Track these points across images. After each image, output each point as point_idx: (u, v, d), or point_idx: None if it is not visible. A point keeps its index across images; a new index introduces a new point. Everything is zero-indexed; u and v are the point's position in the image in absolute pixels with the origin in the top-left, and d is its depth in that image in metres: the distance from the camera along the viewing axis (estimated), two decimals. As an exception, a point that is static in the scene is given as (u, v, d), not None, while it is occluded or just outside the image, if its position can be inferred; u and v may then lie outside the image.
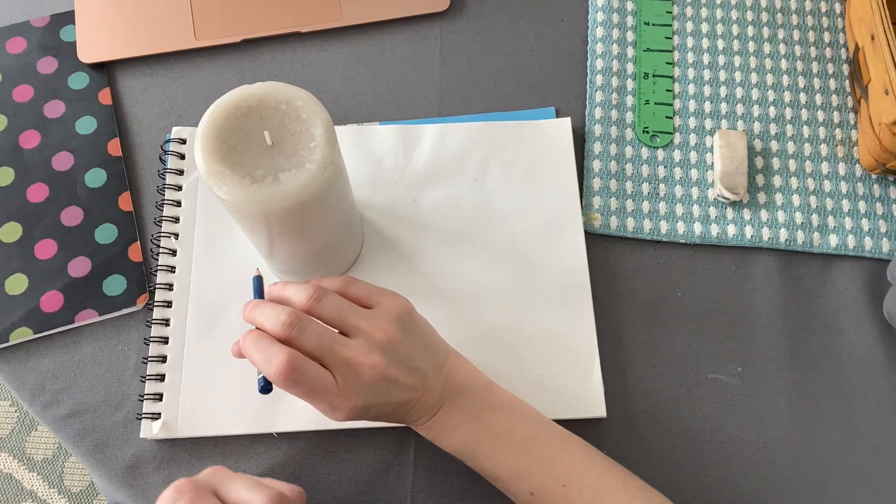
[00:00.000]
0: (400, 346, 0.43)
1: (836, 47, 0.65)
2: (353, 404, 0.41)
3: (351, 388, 0.41)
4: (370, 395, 0.41)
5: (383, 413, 0.44)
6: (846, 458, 0.52)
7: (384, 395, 0.42)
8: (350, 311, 0.43)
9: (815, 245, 0.58)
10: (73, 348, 0.53)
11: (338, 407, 0.41)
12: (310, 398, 0.41)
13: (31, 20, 0.63)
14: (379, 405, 0.42)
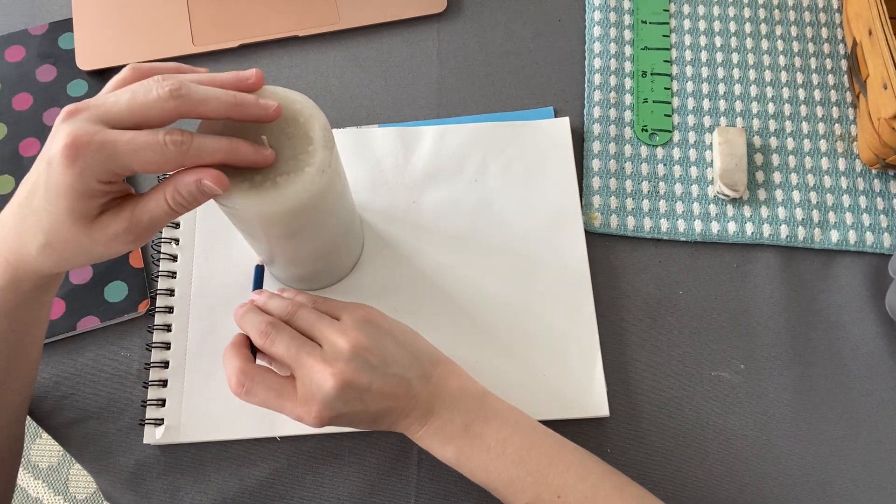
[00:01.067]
0: (369, 351, 0.42)
1: (833, 43, 0.65)
2: (317, 411, 0.41)
3: (314, 394, 0.41)
4: (337, 403, 0.41)
5: (362, 420, 0.43)
6: (849, 454, 0.52)
7: (355, 403, 0.42)
8: (319, 321, 0.44)
9: (817, 241, 0.58)
10: (75, 355, 0.54)
11: (301, 416, 0.42)
12: (270, 407, 0.42)
13: (30, 28, 0.63)
14: (353, 413, 0.42)
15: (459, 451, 0.44)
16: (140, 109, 0.34)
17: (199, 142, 0.35)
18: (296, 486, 0.51)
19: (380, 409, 0.43)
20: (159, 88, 0.35)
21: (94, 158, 0.33)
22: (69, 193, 0.34)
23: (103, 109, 0.34)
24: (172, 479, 0.50)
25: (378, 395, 0.43)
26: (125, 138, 0.34)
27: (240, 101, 0.37)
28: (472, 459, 0.44)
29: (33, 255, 0.37)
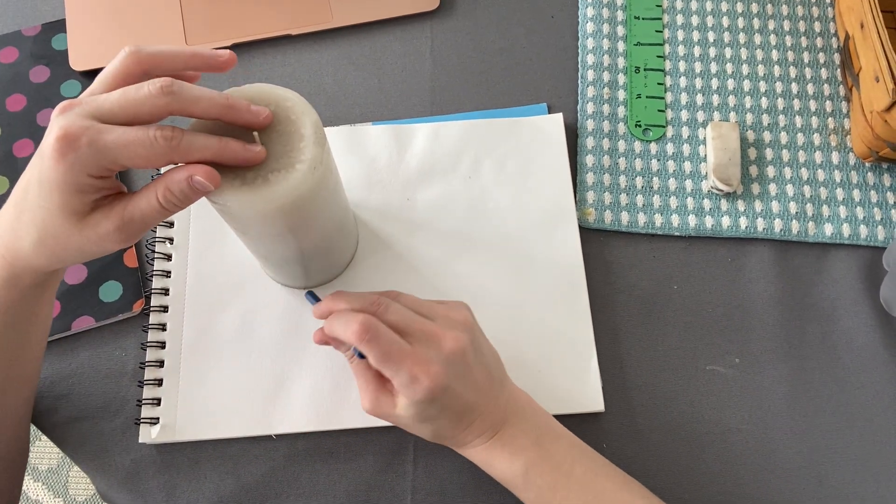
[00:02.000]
0: (475, 334, 0.43)
1: (826, 37, 0.65)
2: (435, 372, 0.40)
3: (431, 356, 0.41)
4: (451, 369, 0.41)
5: (454, 407, 0.42)
6: (845, 446, 0.52)
7: (460, 380, 0.42)
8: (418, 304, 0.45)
9: (811, 234, 0.58)
10: (71, 355, 0.54)
11: (417, 376, 0.40)
12: (388, 362, 0.40)
13: (23, 29, 0.63)
14: (454, 392, 0.41)
15: (530, 464, 0.43)
16: (131, 105, 0.35)
17: (188, 138, 0.35)
18: (292, 484, 0.51)
19: (470, 401, 0.43)
20: (151, 86, 0.35)
21: (85, 152, 0.33)
22: (61, 188, 0.34)
23: (95, 105, 0.35)
24: (168, 478, 0.50)
25: (474, 383, 0.43)
26: (115, 133, 0.34)
27: (231, 104, 0.37)
28: (542, 476, 0.43)
29: (28, 252, 0.37)
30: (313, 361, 0.52)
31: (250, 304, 0.54)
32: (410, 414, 0.42)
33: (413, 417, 0.43)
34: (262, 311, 0.54)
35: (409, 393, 0.41)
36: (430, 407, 0.42)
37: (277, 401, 0.51)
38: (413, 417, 0.43)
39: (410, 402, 0.41)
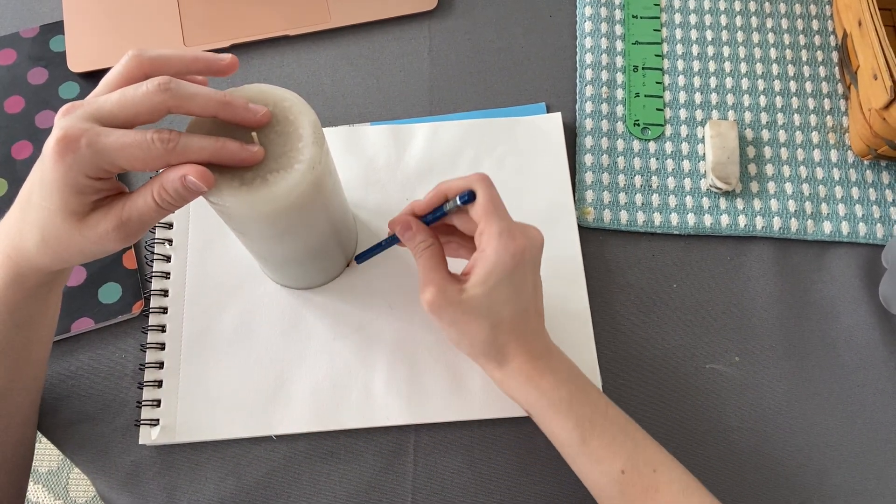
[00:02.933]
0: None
1: (824, 35, 0.65)
2: (522, 244, 0.42)
3: (515, 234, 0.42)
4: (533, 251, 0.43)
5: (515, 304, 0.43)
6: (845, 444, 0.52)
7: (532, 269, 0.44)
8: None
9: (810, 232, 0.58)
10: (70, 357, 0.54)
11: (514, 232, 0.42)
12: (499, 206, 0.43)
13: (21, 31, 0.63)
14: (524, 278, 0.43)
15: (572, 395, 0.44)
16: (130, 104, 0.35)
17: (185, 140, 0.36)
18: (293, 484, 0.51)
19: (529, 302, 0.44)
20: (149, 84, 0.35)
21: (83, 154, 0.34)
22: (61, 189, 0.35)
23: (96, 106, 0.35)
24: (169, 480, 0.50)
25: (536, 287, 0.45)
26: (114, 135, 0.34)
27: (228, 101, 0.37)
28: (583, 407, 0.44)
29: (32, 252, 0.38)
30: (313, 362, 0.52)
31: (249, 305, 0.54)
32: (478, 295, 0.42)
33: (479, 301, 0.42)
34: (262, 311, 0.54)
35: (499, 245, 0.42)
36: (502, 284, 0.42)
37: (277, 401, 0.51)
38: (479, 301, 0.42)
39: (489, 275, 0.42)
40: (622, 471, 0.42)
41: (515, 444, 0.52)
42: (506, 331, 0.44)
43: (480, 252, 0.43)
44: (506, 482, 0.51)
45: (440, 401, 0.52)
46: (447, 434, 0.52)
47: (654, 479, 0.42)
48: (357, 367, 0.52)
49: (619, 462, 0.43)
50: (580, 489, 0.51)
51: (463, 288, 0.43)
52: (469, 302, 0.42)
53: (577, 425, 0.43)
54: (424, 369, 0.52)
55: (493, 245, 0.42)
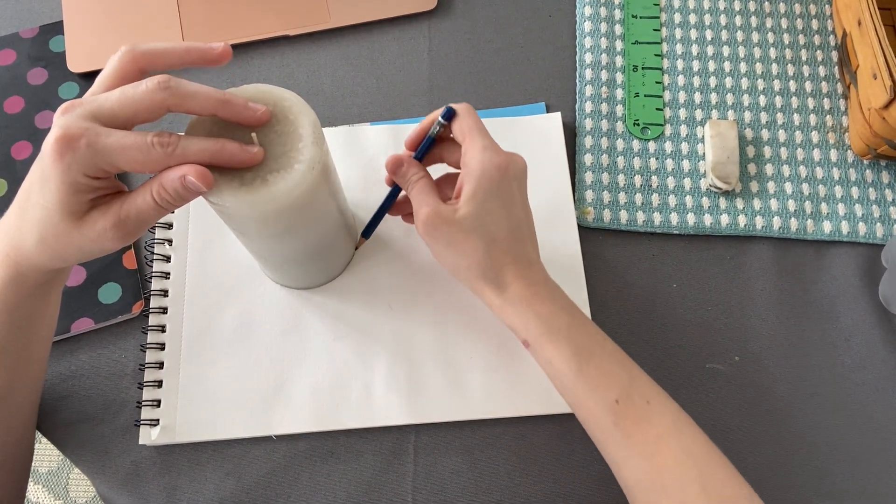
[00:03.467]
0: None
1: (823, 34, 0.65)
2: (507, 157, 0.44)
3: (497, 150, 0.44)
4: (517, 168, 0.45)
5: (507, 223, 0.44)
6: (845, 443, 0.52)
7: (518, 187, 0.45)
8: None
9: (809, 232, 0.58)
10: (70, 357, 0.54)
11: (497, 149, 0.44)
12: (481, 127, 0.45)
13: (20, 31, 0.63)
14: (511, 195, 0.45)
15: (571, 324, 0.44)
16: (130, 103, 0.35)
17: (184, 143, 0.36)
18: (293, 484, 0.51)
19: (522, 223, 0.46)
20: (148, 82, 0.35)
21: (83, 153, 0.34)
22: (59, 187, 0.35)
23: (96, 105, 0.35)
24: (169, 480, 0.50)
25: (526, 207, 0.46)
26: (114, 136, 0.34)
27: (228, 99, 0.37)
28: (581, 337, 0.44)
29: (31, 250, 0.37)
30: (313, 362, 0.52)
31: (249, 305, 0.54)
32: (471, 211, 0.43)
33: (472, 217, 0.43)
34: (262, 311, 0.54)
35: (483, 158, 0.43)
36: (491, 199, 0.43)
37: (277, 401, 0.51)
38: (472, 217, 0.43)
39: (477, 189, 0.43)
40: (616, 400, 0.42)
41: (515, 444, 0.52)
42: (502, 250, 0.44)
43: (465, 168, 0.44)
44: (506, 482, 0.51)
45: (440, 401, 0.52)
46: (447, 434, 0.52)
47: (647, 411, 0.42)
48: (357, 367, 0.52)
49: (613, 392, 0.43)
50: (580, 489, 0.51)
51: (456, 208, 0.44)
52: (463, 219, 0.43)
53: (574, 354, 0.43)
54: (424, 369, 0.52)
55: (478, 158, 0.43)
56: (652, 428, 0.42)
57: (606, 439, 0.43)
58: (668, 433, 0.42)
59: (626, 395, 0.42)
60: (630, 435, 0.42)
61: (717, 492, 0.40)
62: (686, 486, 0.40)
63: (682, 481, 0.40)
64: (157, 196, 0.36)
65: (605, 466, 0.51)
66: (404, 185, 0.47)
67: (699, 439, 0.42)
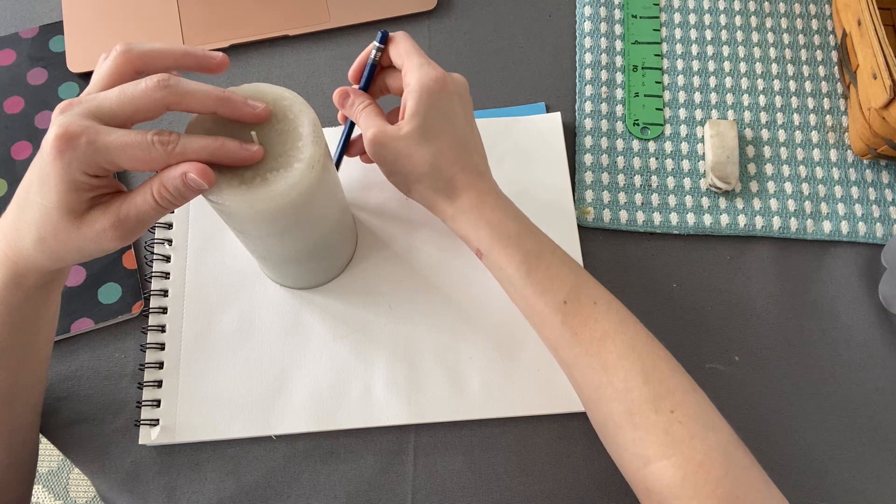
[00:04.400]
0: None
1: (823, 34, 0.65)
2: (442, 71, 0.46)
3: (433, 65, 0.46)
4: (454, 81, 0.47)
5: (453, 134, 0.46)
6: (845, 444, 0.52)
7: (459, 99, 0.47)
8: None
9: (809, 232, 0.58)
10: (70, 357, 0.53)
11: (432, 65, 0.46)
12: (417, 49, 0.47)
13: (20, 31, 0.63)
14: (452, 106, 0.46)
15: (521, 231, 0.46)
16: (130, 101, 0.35)
17: (184, 141, 0.36)
18: (292, 484, 0.51)
19: (466, 132, 0.47)
20: (148, 80, 0.35)
21: (83, 151, 0.34)
22: (58, 185, 0.35)
23: (96, 103, 0.35)
24: (169, 480, 0.50)
25: (468, 117, 0.48)
26: (114, 134, 0.34)
27: (227, 97, 0.37)
28: (530, 241, 0.45)
29: (29, 250, 0.37)
30: (313, 362, 0.52)
31: (249, 305, 0.54)
32: (415, 125, 0.45)
33: (417, 130, 0.45)
34: (261, 311, 0.54)
35: (421, 73, 0.45)
36: (432, 111, 0.45)
37: (277, 401, 0.51)
38: (417, 130, 0.45)
39: (418, 102, 0.45)
40: (564, 301, 0.44)
41: (515, 444, 0.52)
42: (449, 161, 0.46)
43: (406, 87, 0.46)
44: (506, 482, 0.51)
45: (440, 401, 0.51)
46: (447, 434, 0.52)
47: (594, 311, 0.44)
48: (357, 368, 0.52)
49: (562, 293, 0.44)
50: (580, 489, 0.51)
51: (400, 125, 0.46)
52: (409, 135, 0.45)
53: (524, 259, 0.45)
54: (424, 369, 0.52)
55: (416, 75, 0.45)
56: (598, 326, 0.43)
57: (557, 340, 0.45)
58: (613, 330, 0.43)
59: (573, 297, 0.44)
60: (577, 333, 0.43)
61: (658, 383, 0.41)
62: (630, 379, 0.41)
63: (626, 374, 0.42)
64: (157, 195, 0.36)
65: (605, 466, 0.51)
66: (352, 115, 0.49)
67: (642, 335, 0.44)
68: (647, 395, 0.41)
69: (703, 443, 0.40)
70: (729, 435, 0.41)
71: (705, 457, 0.39)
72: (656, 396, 0.41)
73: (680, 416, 0.40)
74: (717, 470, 0.39)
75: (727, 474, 0.39)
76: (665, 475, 0.40)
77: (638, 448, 0.41)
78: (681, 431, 0.40)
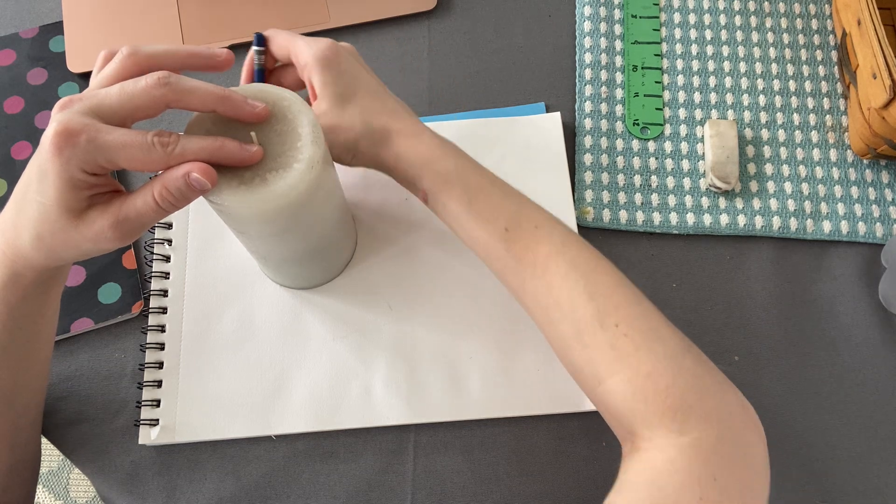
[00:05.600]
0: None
1: (823, 34, 0.65)
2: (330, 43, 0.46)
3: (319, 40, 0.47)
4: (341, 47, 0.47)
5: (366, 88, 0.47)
6: (845, 444, 0.52)
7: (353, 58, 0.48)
8: None
9: (809, 232, 0.58)
10: (70, 357, 0.54)
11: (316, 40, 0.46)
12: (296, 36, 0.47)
13: (20, 32, 0.63)
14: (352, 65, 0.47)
15: (458, 166, 0.46)
16: (130, 99, 0.35)
17: (184, 142, 0.36)
18: (292, 484, 0.51)
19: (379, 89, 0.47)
20: (148, 78, 0.35)
21: (83, 148, 0.34)
22: (57, 182, 0.34)
23: (95, 101, 0.35)
24: (168, 480, 0.50)
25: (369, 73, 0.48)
26: (115, 133, 0.34)
27: (227, 95, 0.37)
28: (471, 174, 0.45)
29: (27, 248, 0.37)
30: (313, 362, 0.52)
31: (249, 305, 0.54)
32: (331, 97, 0.45)
33: (335, 102, 0.45)
34: (261, 311, 0.54)
35: (308, 49, 0.46)
36: (340, 78, 0.46)
37: (277, 401, 0.51)
38: (335, 102, 0.45)
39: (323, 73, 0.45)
40: (506, 228, 0.44)
41: (515, 444, 0.52)
42: (376, 111, 0.46)
43: (304, 68, 0.46)
44: (506, 482, 0.51)
45: (440, 401, 0.52)
46: (447, 434, 0.52)
47: (536, 234, 0.44)
48: (357, 367, 0.52)
49: (503, 221, 0.44)
50: (580, 489, 0.51)
51: (317, 104, 0.46)
52: (328, 108, 0.45)
53: (464, 191, 0.45)
54: (424, 369, 0.52)
55: (307, 52, 0.46)
56: (541, 248, 0.43)
57: (503, 269, 0.45)
58: (555, 251, 0.43)
59: (515, 224, 0.44)
60: (521, 259, 0.43)
61: (603, 298, 0.41)
62: (574, 298, 0.41)
63: (570, 293, 0.42)
64: (158, 197, 0.36)
65: (604, 466, 0.51)
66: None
67: (586, 253, 0.43)
68: (593, 312, 0.41)
69: (650, 354, 0.39)
70: (678, 343, 0.40)
71: (652, 368, 0.39)
72: (601, 312, 0.40)
73: (625, 330, 0.40)
74: (664, 380, 0.38)
75: (675, 383, 0.38)
76: (617, 391, 0.39)
77: (590, 367, 0.41)
78: (626, 345, 0.39)
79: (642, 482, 0.37)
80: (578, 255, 0.43)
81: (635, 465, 0.39)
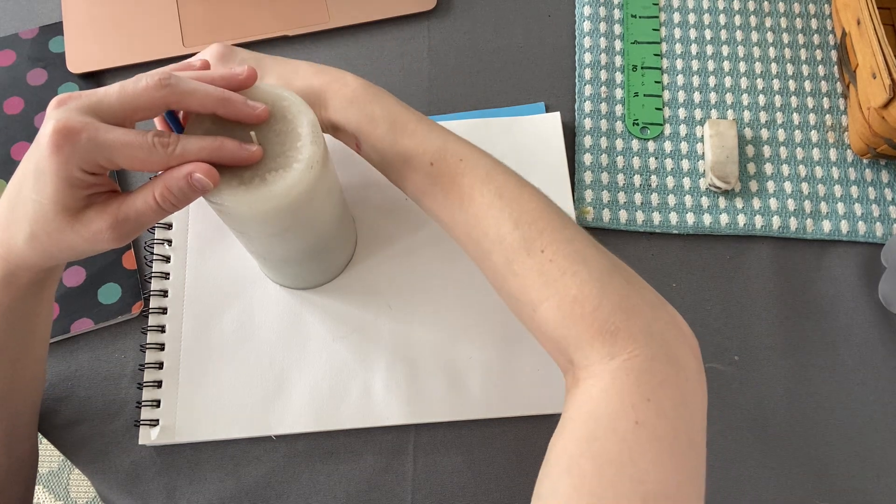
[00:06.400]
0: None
1: (823, 33, 0.65)
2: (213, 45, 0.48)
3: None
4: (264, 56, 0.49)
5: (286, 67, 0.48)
6: (844, 443, 0.52)
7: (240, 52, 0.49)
8: None
9: (809, 231, 0.58)
10: (70, 358, 0.54)
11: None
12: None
13: (20, 32, 0.63)
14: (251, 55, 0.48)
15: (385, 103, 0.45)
16: (130, 99, 0.35)
17: (184, 142, 0.36)
18: (292, 484, 0.51)
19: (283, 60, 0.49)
20: (148, 78, 0.35)
21: (83, 147, 0.33)
22: (54, 180, 0.34)
23: (94, 99, 0.35)
24: (168, 480, 0.50)
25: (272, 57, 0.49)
26: (115, 133, 0.34)
27: (227, 97, 0.37)
28: (398, 114, 0.45)
29: (21, 247, 0.37)
30: (313, 362, 0.52)
31: (249, 306, 0.54)
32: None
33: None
34: (261, 312, 0.54)
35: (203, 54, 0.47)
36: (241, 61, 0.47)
37: (277, 401, 0.51)
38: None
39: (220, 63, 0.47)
40: (431, 163, 0.44)
41: (515, 444, 0.52)
42: (308, 75, 0.47)
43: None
44: (505, 482, 0.51)
45: (440, 401, 0.52)
46: (446, 434, 0.52)
47: (460, 167, 0.43)
48: (356, 367, 0.52)
49: (428, 156, 0.44)
50: (580, 488, 0.51)
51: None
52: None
53: (389, 130, 0.45)
54: (424, 369, 0.52)
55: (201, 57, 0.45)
56: (465, 181, 0.43)
57: (432, 204, 0.45)
58: (479, 182, 0.43)
59: (440, 157, 0.44)
60: (448, 192, 0.43)
61: (528, 225, 0.41)
62: (500, 226, 0.41)
63: (496, 222, 0.41)
64: (159, 198, 0.36)
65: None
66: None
67: (511, 182, 0.43)
68: (519, 240, 0.40)
69: (575, 277, 0.38)
70: (604, 265, 0.40)
71: (578, 291, 0.38)
72: (526, 239, 0.40)
73: (550, 255, 0.39)
74: (590, 303, 0.38)
75: (601, 305, 0.37)
76: (549, 318, 0.39)
77: (523, 295, 0.40)
78: (553, 270, 0.39)
79: (580, 416, 0.37)
80: (504, 185, 0.42)
81: (576, 398, 0.38)
